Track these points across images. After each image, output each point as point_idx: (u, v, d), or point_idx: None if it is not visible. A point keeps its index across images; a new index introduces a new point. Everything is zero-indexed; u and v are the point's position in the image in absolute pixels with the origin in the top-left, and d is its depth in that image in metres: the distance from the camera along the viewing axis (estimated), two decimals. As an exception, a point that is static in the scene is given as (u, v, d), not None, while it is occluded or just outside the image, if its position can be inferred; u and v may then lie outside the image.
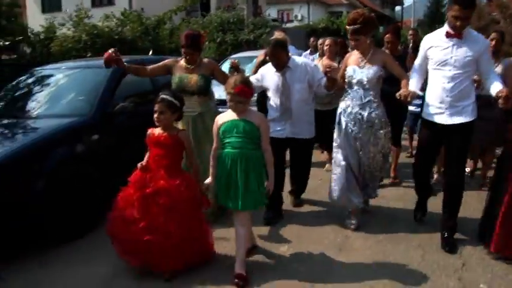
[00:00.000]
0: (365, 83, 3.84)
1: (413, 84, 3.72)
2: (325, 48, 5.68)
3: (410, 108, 5.58)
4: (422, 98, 4.00)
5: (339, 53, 5.81)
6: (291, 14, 32.07)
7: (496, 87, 3.39)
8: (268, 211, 4.14)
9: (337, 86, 4.07)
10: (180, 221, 3.14)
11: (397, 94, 3.60)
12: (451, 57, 3.48)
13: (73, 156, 3.95)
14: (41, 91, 4.70)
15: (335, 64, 5.20)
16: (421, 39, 4.30)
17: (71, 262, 3.51)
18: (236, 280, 3.12)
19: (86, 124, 4.19)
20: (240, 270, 3.17)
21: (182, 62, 4.08)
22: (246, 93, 3.11)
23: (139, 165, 3.24)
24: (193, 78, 3.96)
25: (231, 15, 14.54)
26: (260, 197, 3.13)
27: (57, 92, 4.69)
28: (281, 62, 4.00)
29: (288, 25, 20.97)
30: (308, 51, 8.24)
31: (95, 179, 4.04)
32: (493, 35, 4.81)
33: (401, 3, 45.30)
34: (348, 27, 3.80)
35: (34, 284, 3.23)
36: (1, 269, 3.36)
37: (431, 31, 4.01)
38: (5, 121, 4.29)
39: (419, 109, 5.38)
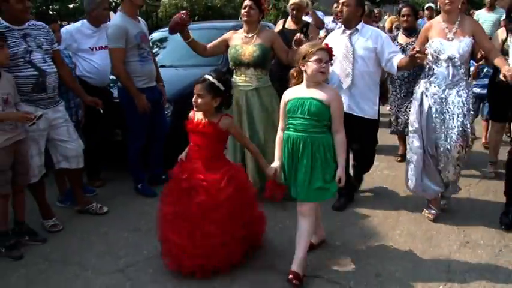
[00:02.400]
0: (456, 58, 3.31)
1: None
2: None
3: (475, 90, 4.72)
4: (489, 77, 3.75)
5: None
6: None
7: None
8: (339, 198, 3.83)
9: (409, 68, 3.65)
10: (221, 222, 2.77)
11: (502, 73, 3.05)
12: None
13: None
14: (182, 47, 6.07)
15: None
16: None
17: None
18: (289, 276, 2.76)
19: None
20: (296, 269, 2.78)
21: (241, 31, 3.88)
22: (331, 53, 2.78)
23: (179, 158, 3.00)
24: (249, 48, 3.72)
25: None
26: (326, 188, 2.74)
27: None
28: (347, 15, 3.60)
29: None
30: (331, 19, 7.14)
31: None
32: None
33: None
34: None
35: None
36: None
37: None
38: (165, 69, 5.47)
39: (484, 90, 4.90)
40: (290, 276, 2.76)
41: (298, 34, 3.67)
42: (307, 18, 4.94)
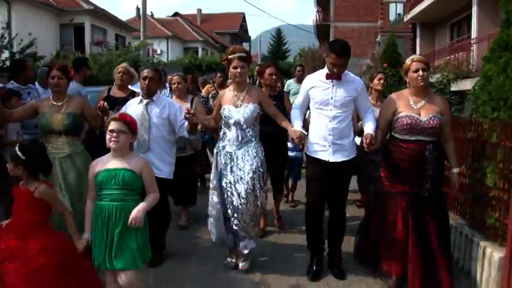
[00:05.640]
0: (242, 123, 3.73)
1: (297, 124, 3.69)
2: (173, 86, 5.05)
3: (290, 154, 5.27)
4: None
5: (190, 90, 5.57)
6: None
7: (366, 129, 3.56)
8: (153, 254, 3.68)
9: (199, 129, 4.05)
10: None
11: (291, 135, 3.63)
12: (332, 97, 3.59)
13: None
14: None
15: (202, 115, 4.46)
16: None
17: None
18: None
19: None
20: None
21: (50, 99, 3.87)
22: (131, 123, 2.89)
23: None
24: (58, 117, 3.73)
25: (132, 55, 16.05)
26: (143, 252, 2.86)
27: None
28: (151, 88, 3.97)
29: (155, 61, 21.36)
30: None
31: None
32: (379, 75, 4.80)
33: (248, 40, 50.60)
34: (234, 55, 3.72)
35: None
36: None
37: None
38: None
39: (293, 153, 5.40)
40: None
41: (101, 102, 3.79)
42: (134, 88, 5.10)
